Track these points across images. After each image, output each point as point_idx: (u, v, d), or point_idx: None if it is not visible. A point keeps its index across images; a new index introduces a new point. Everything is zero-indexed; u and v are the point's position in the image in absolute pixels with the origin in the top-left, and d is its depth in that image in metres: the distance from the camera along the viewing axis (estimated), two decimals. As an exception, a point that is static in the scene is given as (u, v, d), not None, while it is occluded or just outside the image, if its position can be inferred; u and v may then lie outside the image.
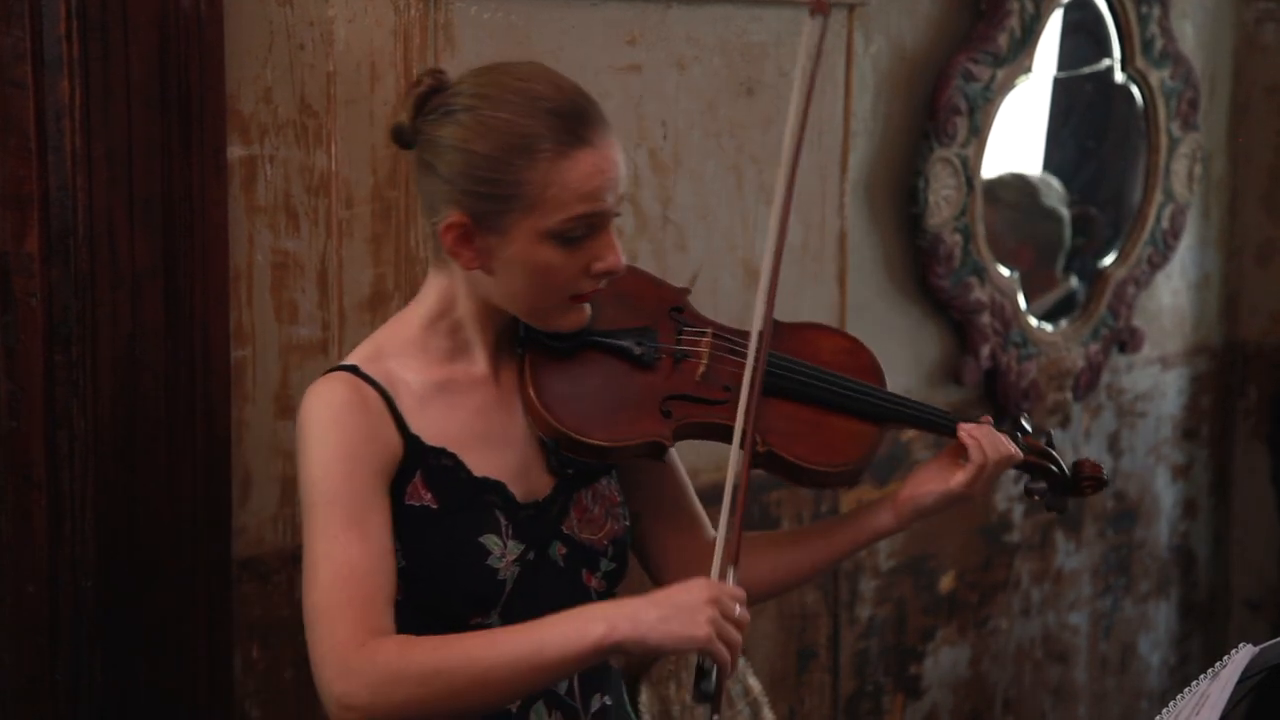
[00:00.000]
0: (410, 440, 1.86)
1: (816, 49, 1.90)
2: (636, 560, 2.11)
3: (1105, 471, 2.12)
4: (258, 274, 2.27)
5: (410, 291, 2.35)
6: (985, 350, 3.36)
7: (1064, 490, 2.12)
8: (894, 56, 3.12)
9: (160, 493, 2.15)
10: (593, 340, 1.94)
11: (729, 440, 1.86)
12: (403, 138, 1.89)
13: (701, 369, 1.96)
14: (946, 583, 3.44)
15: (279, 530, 2.32)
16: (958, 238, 3.24)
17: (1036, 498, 2.13)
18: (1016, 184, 3.62)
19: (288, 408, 2.30)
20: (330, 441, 1.81)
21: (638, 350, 1.94)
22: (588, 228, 1.83)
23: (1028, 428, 2.13)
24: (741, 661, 2.87)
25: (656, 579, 2.10)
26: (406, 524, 1.85)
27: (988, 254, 3.33)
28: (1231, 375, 4.17)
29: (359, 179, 2.34)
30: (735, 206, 2.78)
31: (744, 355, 1.90)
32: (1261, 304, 4.15)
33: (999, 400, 3.44)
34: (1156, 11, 3.62)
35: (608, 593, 1.97)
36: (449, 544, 1.85)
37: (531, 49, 2.42)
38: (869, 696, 3.28)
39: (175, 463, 2.16)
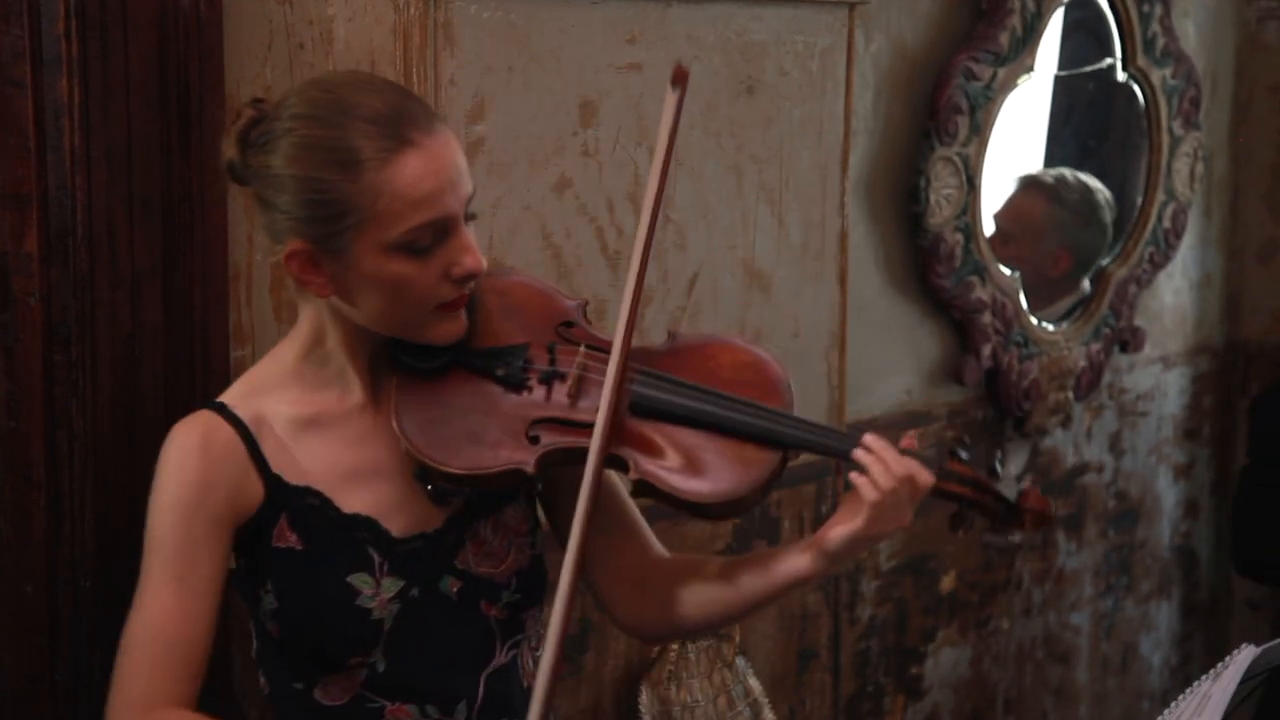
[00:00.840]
0: (272, 481, 1.80)
1: (674, 119, 1.77)
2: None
3: (1051, 508, 1.88)
4: (257, 274, 2.26)
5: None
6: (986, 350, 3.35)
7: (1002, 524, 1.88)
8: (895, 55, 3.11)
9: (160, 493, 2.15)
10: (459, 361, 1.83)
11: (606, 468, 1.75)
12: (235, 175, 1.82)
13: (570, 388, 1.82)
14: (947, 583, 3.43)
15: (279, 530, 2.31)
16: (959, 237, 3.23)
17: (963, 529, 1.91)
18: (1080, 189, 3.59)
19: (287, 407, 2.29)
20: (168, 489, 1.78)
21: (501, 372, 1.82)
22: (435, 234, 1.74)
23: (962, 454, 1.90)
24: (741, 662, 2.87)
25: (605, 600, 1.99)
26: (274, 567, 1.80)
27: (989, 253, 3.32)
28: (1233, 375, 4.17)
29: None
30: (735, 206, 2.78)
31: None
32: (1263, 303, 4.14)
33: (1000, 400, 3.43)
34: (1158, 10, 3.62)
35: (512, 620, 1.88)
36: (317, 586, 1.80)
37: (531, 48, 2.42)
38: (870, 697, 3.28)
39: (175, 463, 2.16)
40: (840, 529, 1.81)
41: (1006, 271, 3.39)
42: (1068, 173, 3.54)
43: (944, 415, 3.34)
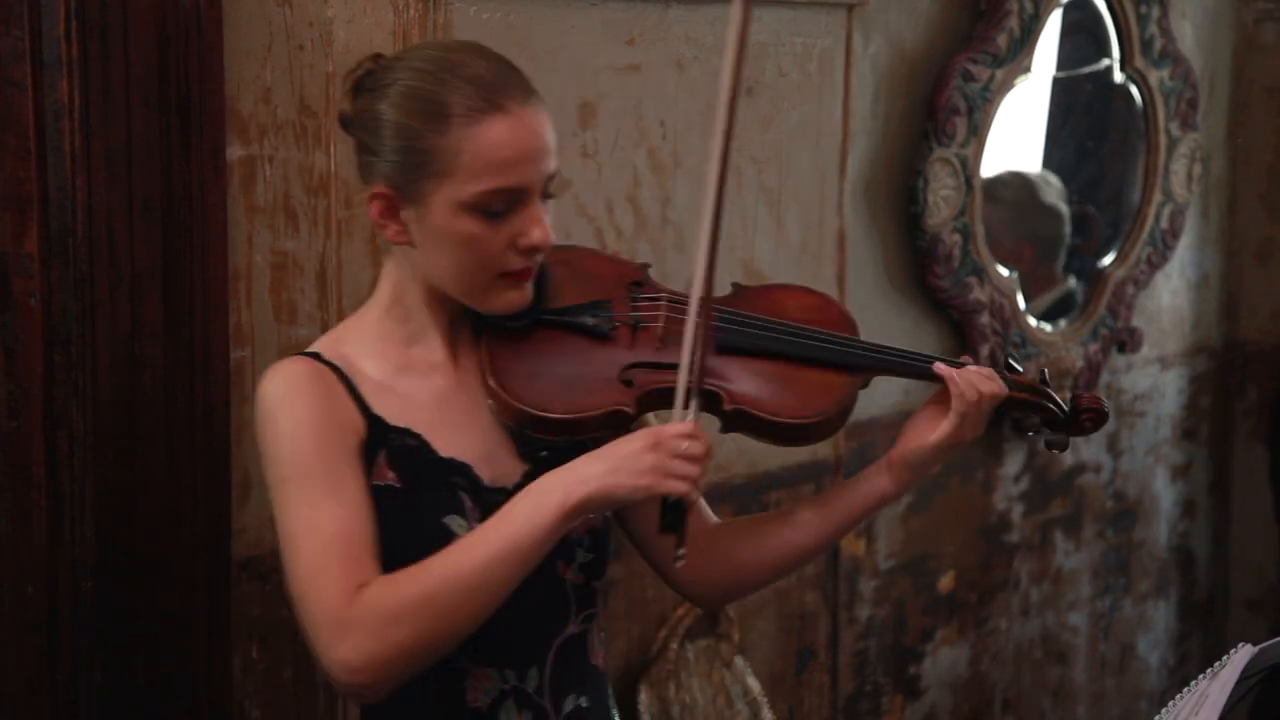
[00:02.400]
0: (373, 420, 1.83)
1: (741, 33, 1.78)
2: (635, 548, 2.07)
3: (1105, 404, 2.05)
4: (257, 274, 2.27)
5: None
6: (985, 350, 3.36)
7: (1063, 427, 2.05)
8: (893, 56, 3.12)
9: (159, 493, 2.15)
10: (546, 318, 1.89)
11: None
12: (345, 123, 1.88)
13: (659, 334, 1.90)
14: (946, 583, 3.44)
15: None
16: (957, 238, 3.24)
17: (1031, 434, 2.07)
18: (1015, 182, 3.62)
19: (287, 408, 2.29)
20: (297, 416, 1.79)
21: (591, 322, 1.90)
22: (508, 201, 1.79)
23: (1017, 366, 2.07)
24: (740, 661, 2.87)
25: (665, 571, 2.04)
26: (374, 504, 1.81)
27: (987, 254, 3.33)
28: (1231, 375, 4.17)
29: (358, 180, 2.34)
30: (734, 206, 2.78)
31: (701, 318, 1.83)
32: (1261, 304, 4.15)
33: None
34: (1155, 11, 3.62)
35: (585, 586, 1.91)
36: (412, 524, 1.82)
37: (531, 49, 2.43)
38: (868, 697, 3.28)
39: (175, 463, 2.16)
40: (923, 439, 1.95)
41: (1005, 272, 3.40)
42: (1003, 172, 3.55)
43: (942, 415, 3.34)
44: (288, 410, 1.79)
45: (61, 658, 2.10)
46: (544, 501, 1.73)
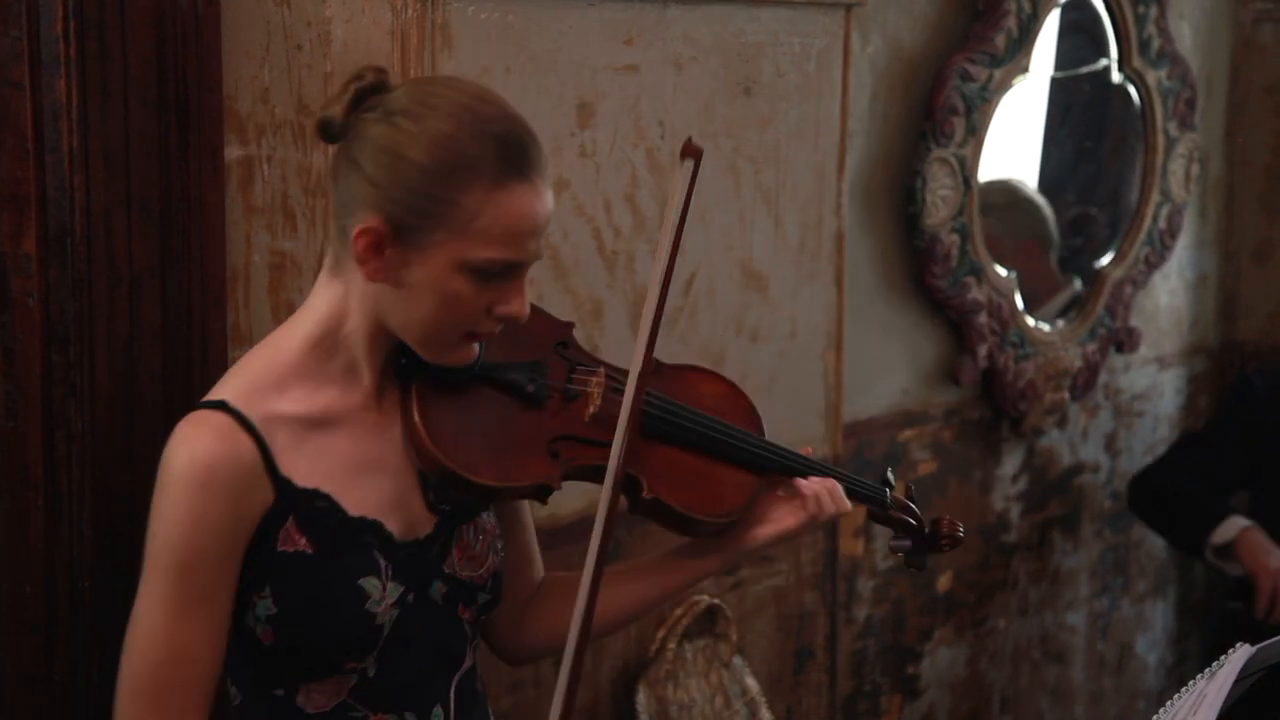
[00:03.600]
0: (281, 485, 1.76)
1: (687, 193, 1.81)
2: None
3: (961, 530, 2.10)
4: (255, 274, 2.27)
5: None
6: (983, 350, 3.36)
7: (924, 548, 2.10)
8: (891, 56, 3.12)
9: (158, 493, 2.15)
10: (484, 373, 1.85)
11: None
12: (330, 131, 1.77)
13: (592, 409, 1.88)
14: (944, 583, 3.44)
15: (276, 530, 2.31)
16: (955, 237, 3.24)
17: (899, 554, 2.12)
18: (998, 188, 3.60)
19: (285, 408, 2.29)
20: (193, 506, 1.71)
21: (530, 387, 1.86)
22: (505, 270, 1.75)
23: (893, 481, 2.11)
24: (738, 661, 2.87)
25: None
26: (279, 571, 1.77)
27: (985, 254, 3.33)
28: (1228, 375, 4.17)
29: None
30: (732, 207, 2.78)
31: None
32: (1258, 304, 4.15)
33: (996, 400, 3.44)
34: (1153, 11, 3.62)
35: (476, 622, 1.91)
36: (327, 589, 1.77)
37: (529, 49, 2.43)
38: (867, 696, 3.29)
39: (173, 463, 2.16)
40: (768, 529, 1.98)
41: (1003, 272, 3.40)
42: (982, 180, 3.55)
43: (940, 415, 3.35)
44: (185, 496, 1.71)
45: (59, 657, 2.10)
46: None
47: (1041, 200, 3.66)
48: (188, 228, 2.15)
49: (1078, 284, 3.69)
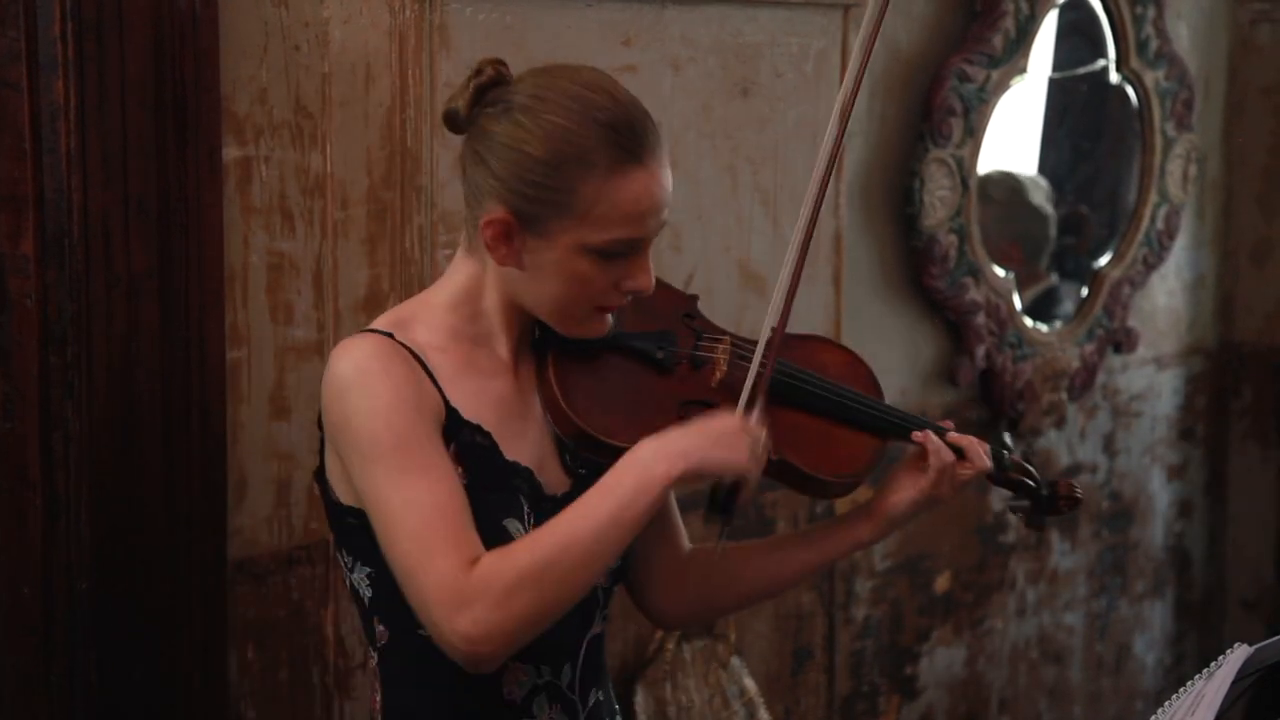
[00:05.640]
0: (450, 409, 1.83)
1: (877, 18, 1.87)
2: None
3: (1079, 491, 2.14)
4: (253, 275, 2.27)
5: (406, 292, 2.35)
6: (980, 351, 3.36)
7: (1043, 508, 2.14)
8: (889, 57, 3.12)
9: (155, 494, 2.15)
10: (615, 342, 1.94)
11: None
12: (455, 123, 1.87)
13: (719, 375, 1.97)
14: (942, 583, 3.44)
15: (274, 532, 2.32)
16: (953, 238, 3.24)
17: (1019, 515, 2.17)
18: (1006, 182, 3.62)
19: (283, 409, 2.30)
20: (382, 391, 1.77)
21: (660, 354, 1.95)
22: (628, 248, 1.83)
23: (1010, 444, 2.16)
24: (737, 662, 2.87)
25: (633, 585, 2.08)
26: None
27: (983, 254, 3.33)
28: (1226, 376, 4.18)
29: (354, 180, 2.34)
30: (730, 207, 2.78)
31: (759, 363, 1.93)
32: (1256, 304, 4.15)
33: (994, 401, 3.44)
34: (1151, 12, 3.62)
35: (608, 590, 1.96)
36: (475, 522, 1.81)
37: (527, 50, 2.43)
38: (865, 697, 3.29)
39: (170, 464, 2.16)
40: (904, 496, 2.03)
41: (1001, 273, 3.40)
42: (993, 171, 3.55)
43: (938, 416, 3.34)
44: (372, 387, 1.77)
45: (57, 658, 2.10)
46: (650, 474, 1.76)
47: (1049, 210, 3.66)
48: (185, 228, 2.15)
49: (1054, 277, 3.69)
